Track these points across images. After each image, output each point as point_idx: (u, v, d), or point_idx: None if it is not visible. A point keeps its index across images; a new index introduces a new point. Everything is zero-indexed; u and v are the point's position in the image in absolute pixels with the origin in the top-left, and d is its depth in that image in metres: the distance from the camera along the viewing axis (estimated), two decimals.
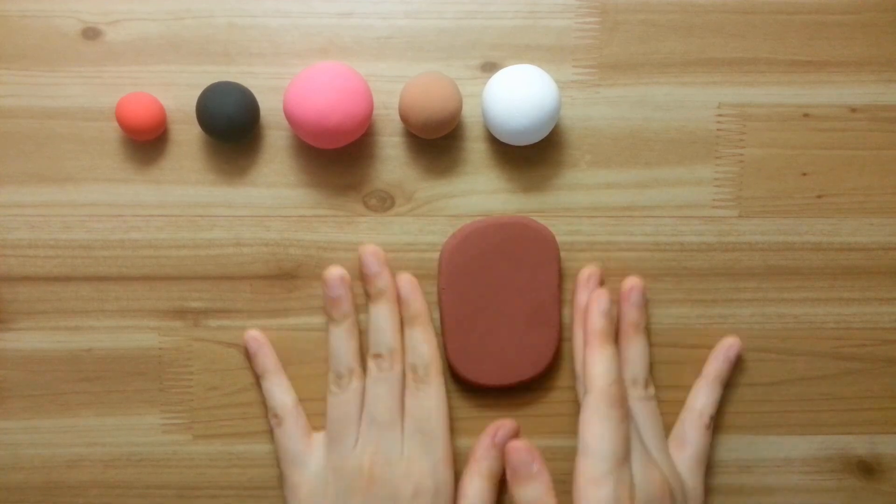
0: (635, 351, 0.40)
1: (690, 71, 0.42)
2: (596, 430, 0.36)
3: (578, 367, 0.40)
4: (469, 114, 0.41)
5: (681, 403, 0.43)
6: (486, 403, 0.43)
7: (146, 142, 0.41)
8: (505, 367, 0.41)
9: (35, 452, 0.42)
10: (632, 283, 0.41)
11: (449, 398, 0.41)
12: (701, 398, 0.41)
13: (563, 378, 0.43)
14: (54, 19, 0.41)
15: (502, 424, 0.41)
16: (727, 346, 0.41)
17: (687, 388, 0.43)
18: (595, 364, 0.38)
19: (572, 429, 0.43)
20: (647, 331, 0.42)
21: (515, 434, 0.41)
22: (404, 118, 0.39)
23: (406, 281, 0.40)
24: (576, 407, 0.42)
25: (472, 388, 0.42)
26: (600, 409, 0.37)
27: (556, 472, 0.43)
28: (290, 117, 0.38)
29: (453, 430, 0.42)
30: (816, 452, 0.43)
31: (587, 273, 0.41)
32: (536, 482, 0.37)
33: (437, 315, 0.42)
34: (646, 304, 0.41)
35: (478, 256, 0.40)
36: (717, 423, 0.43)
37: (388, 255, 0.42)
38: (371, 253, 0.40)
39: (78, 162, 0.41)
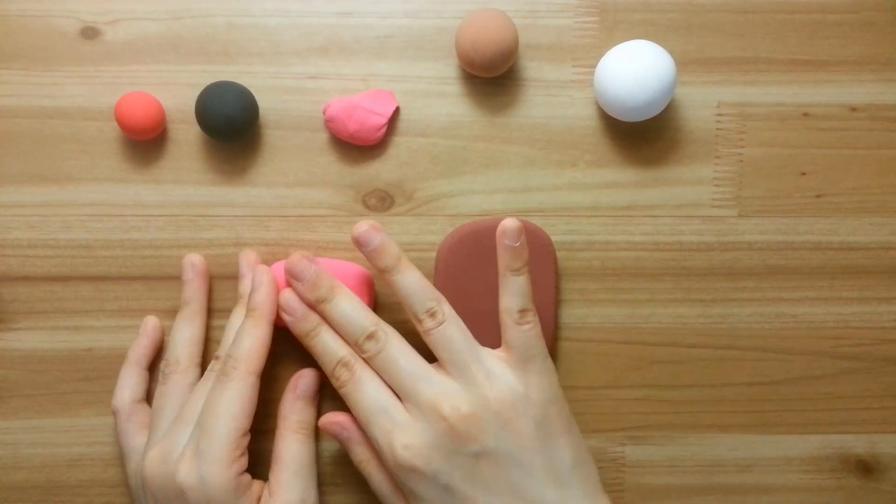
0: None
1: (690, 70, 0.42)
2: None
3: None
4: (471, 113, 0.41)
5: (680, 403, 0.43)
6: None
7: (146, 141, 0.41)
8: None
9: (36, 452, 0.42)
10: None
11: None
12: (503, 297, 0.37)
13: (562, 377, 0.43)
14: (53, 19, 0.41)
15: (302, 374, 0.40)
16: (501, 233, 0.37)
17: (687, 388, 0.43)
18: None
19: None
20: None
21: (318, 383, 0.40)
22: (465, 58, 0.39)
23: (258, 272, 0.38)
24: (571, 406, 0.43)
25: None
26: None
27: None
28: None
29: None
30: (815, 451, 0.43)
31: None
32: (355, 445, 0.38)
33: None
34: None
35: (473, 257, 0.40)
36: (716, 423, 0.43)
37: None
38: (243, 257, 0.41)
39: (77, 161, 0.41)
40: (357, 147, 0.41)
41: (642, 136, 0.42)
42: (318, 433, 0.41)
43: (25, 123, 0.41)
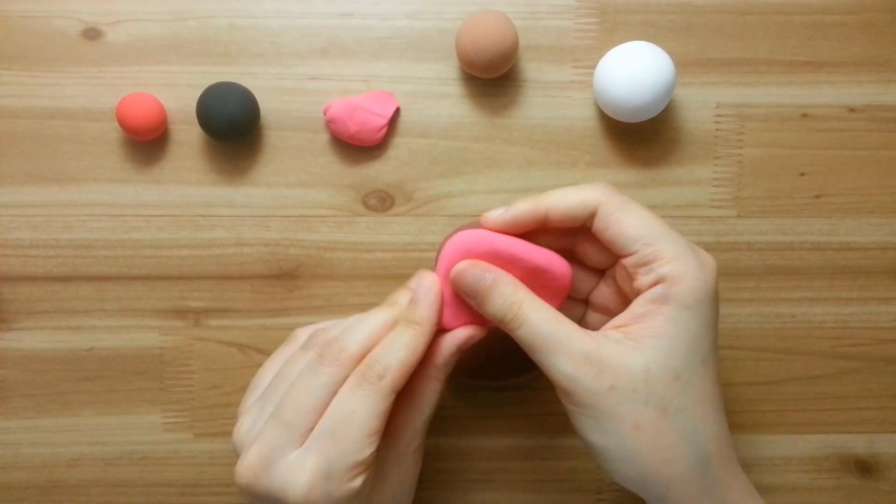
0: None
1: (689, 71, 0.42)
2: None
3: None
4: (471, 114, 0.42)
5: None
6: (482, 402, 0.43)
7: (147, 142, 0.41)
8: (502, 366, 0.41)
9: (36, 451, 0.42)
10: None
11: (445, 397, 0.41)
12: None
13: None
14: (55, 20, 0.41)
15: (471, 329, 0.34)
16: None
17: None
18: None
19: (571, 428, 0.43)
20: None
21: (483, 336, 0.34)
22: (466, 59, 0.39)
23: (423, 279, 0.34)
24: None
25: (468, 387, 0.42)
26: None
27: (555, 472, 0.43)
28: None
29: (449, 430, 0.43)
30: (815, 451, 0.43)
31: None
32: (498, 288, 0.32)
33: None
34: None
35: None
36: None
37: (387, 256, 0.42)
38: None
39: (79, 162, 0.41)
40: (358, 148, 0.42)
41: (642, 137, 0.42)
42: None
43: (27, 124, 0.41)
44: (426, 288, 0.33)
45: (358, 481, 0.31)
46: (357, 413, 0.31)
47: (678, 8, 0.41)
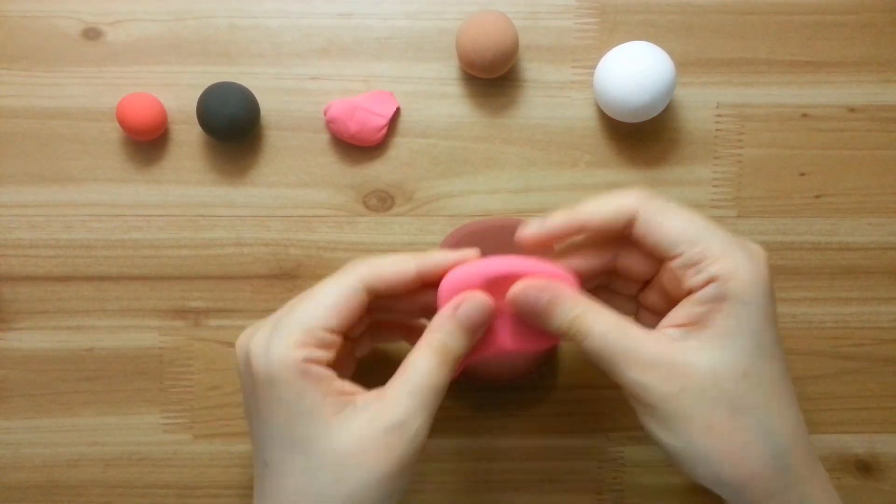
0: None
1: (689, 71, 0.42)
2: None
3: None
4: (471, 114, 0.42)
5: None
6: (483, 402, 0.43)
7: (147, 142, 0.41)
8: (502, 365, 0.41)
9: (36, 452, 0.42)
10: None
11: (445, 397, 0.41)
12: None
13: (562, 377, 0.43)
14: (55, 20, 0.41)
15: (471, 297, 0.33)
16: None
17: None
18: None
19: (571, 428, 0.43)
20: None
21: (485, 318, 0.33)
22: (466, 59, 0.39)
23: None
24: (571, 406, 0.43)
25: (469, 387, 0.42)
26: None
27: (555, 472, 0.43)
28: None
29: (449, 430, 0.43)
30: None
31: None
32: (557, 304, 0.32)
33: None
34: None
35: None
36: None
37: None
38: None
39: (79, 162, 0.41)
40: (358, 148, 0.41)
41: (642, 137, 0.42)
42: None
43: (27, 124, 0.41)
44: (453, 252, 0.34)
45: (300, 352, 0.31)
46: (317, 291, 0.32)
47: (678, 8, 0.41)
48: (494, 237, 0.40)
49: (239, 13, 0.41)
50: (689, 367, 0.30)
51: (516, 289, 0.33)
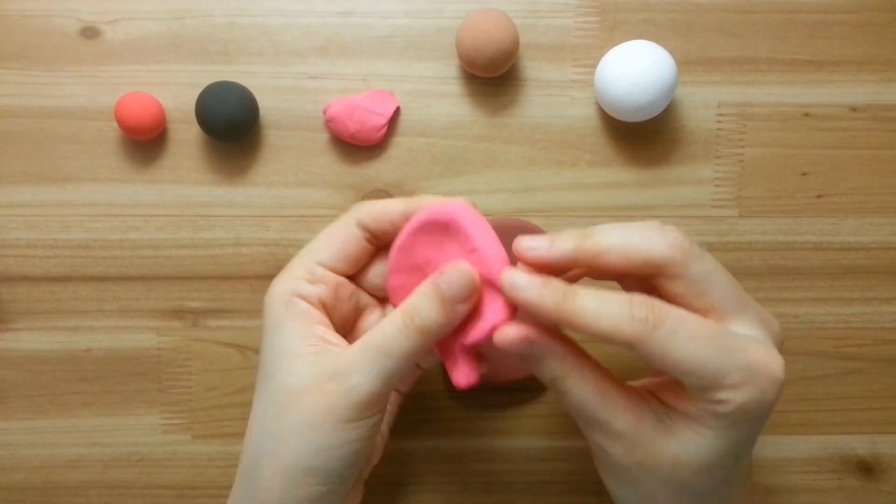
0: None
1: (690, 70, 0.42)
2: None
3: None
4: (471, 113, 0.41)
5: None
6: (482, 403, 0.43)
7: (145, 141, 0.41)
8: (501, 366, 0.41)
9: (34, 453, 0.42)
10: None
11: (445, 398, 0.41)
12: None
13: None
14: (53, 18, 0.41)
15: (456, 266, 0.30)
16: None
17: None
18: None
19: (571, 430, 0.43)
20: None
21: (471, 292, 0.30)
22: (466, 57, 0.39)
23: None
24: None
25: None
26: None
27: (555, 474, 0.43)
28: None
29: (449, 431, 0.42)
30: (816, 452, 0.43)
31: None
32: (545, 361, 0.30)
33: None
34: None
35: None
36: None
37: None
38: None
39: (77, 161, 0.41)
40: (357, 147, 0.41)
41: (643, 137, 0.42)
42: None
43: (25, 123, 0.41)
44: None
45: (289, 285, 0.33)
46: (316, 236, 0.35)
47: (679, 7, 0.41)
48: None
49: (238, 12, 0.41)
50: (652, 446, 0.30)
51: (506, 335, 0.30)
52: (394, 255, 0.33)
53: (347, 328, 0.36)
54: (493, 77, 0.41)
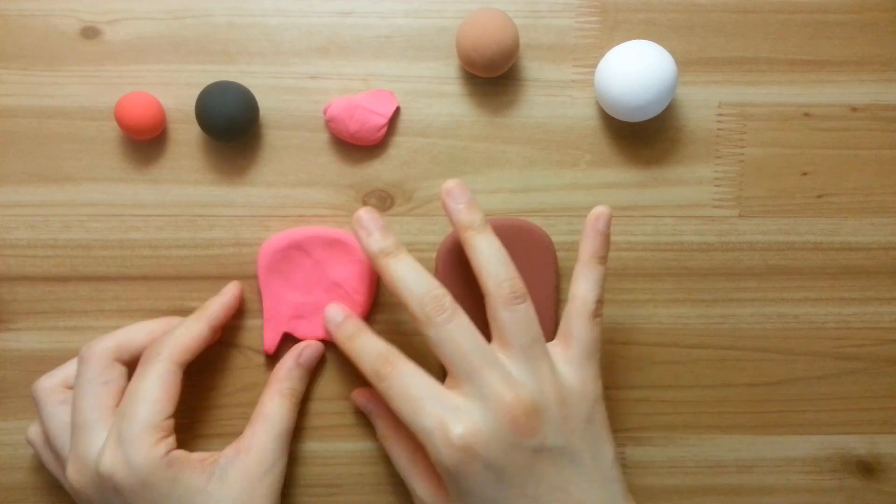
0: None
1: (691, 70, 0.41)
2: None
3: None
4: (471, 113, 0.41)
5: (680, 403, 0.43)
6: None
7: (145, 141, 0.41)
8: None
9: (34, 452, 0.42)
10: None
11: None
12: (581, 285, 0.36)
13: None
14: (53, 18, 0.41)
15: (309, 344, 0.41)
16: (595, 218, 0.37)
17: (688, 389, 0.43)
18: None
19: None
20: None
21: (320, 357, 0.41)
22: (466, 57, 0.39)
23: (228, 286, 0.41)
24: None
25: None
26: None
27: None
28: None
29: None
30: (816, 452, 0.43)
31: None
32: (376, 422, 0.41)
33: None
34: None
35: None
36: (717, 423, 0.43)
37: None
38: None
39: (77, 161, 0.41)
40: (357, 147, 0.41)
41: (643, 136, 0.42)
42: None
43: (25, 123, 0.41)
44: (228, 287, 0.41)
45: (158, 449, 0.35)
46: (140, 389, 0.36)
47: (679, 7, 0.41)
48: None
49: (238, 11, 0.41)
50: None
51: (355, 396, 0.41)
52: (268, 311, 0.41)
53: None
54: (493, 77, 0.41)
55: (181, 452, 0.36)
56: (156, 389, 0.36)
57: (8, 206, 0.41)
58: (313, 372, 0.41)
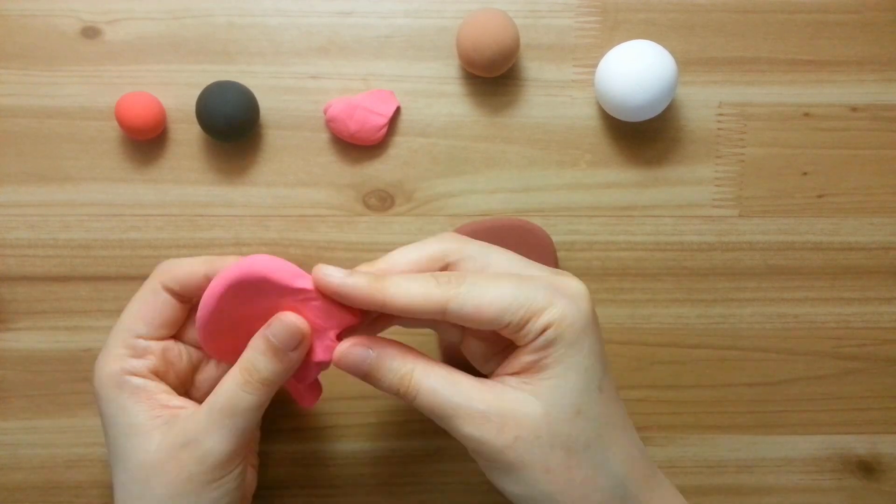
0: None
1: (691, 70, 0.41)
2: None
3: None
4: (471, 113, 0.41)
5: (681, 403, 0.43)
6: None
7: (145, 141, 0.41)
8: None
9: (34, 452, 0.42)
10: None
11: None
12: None
13: None
14: (54, 18, 0.41)
15: (280, 316, 0.32)
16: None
17: (688, 389, 0.43)
18: None
19: None
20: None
21: (299, 341, 0.31)
22: (466, 57, 0.39)
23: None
24: None
25: None
26: None
27: None
28: None
29: (447, 432, 0.42)
30: (816, 452, 0.43)
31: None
32: (385, 362, 0.31)
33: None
34: None
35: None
36: (717, 423, 0.43)
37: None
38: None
39: (77, 161, 0.41)
40: (357, 147, 0.41)
41: (643, 136, 0.42)
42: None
43: (25, 123, 0.41)
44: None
45: (114, 366, 0.33)
46: (125, 308, 0.34)
47: (680, 7, 0.41)
48: (494, 237, 0.40)
49: (238, 11, 0.41)
50: (522, 416, 0.30)
51: (342, 348, 0.31)
52: (205, 324, 0.32)
53: (187, 384, 0.36)
54: (493, 77, 0.41)
55: (143, 382, 0.33)
56: (135, 303, 0.34)
57: (8, 206, 0.41)
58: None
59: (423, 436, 0.42)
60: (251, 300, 0.31)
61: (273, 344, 0.31)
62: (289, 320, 0.31)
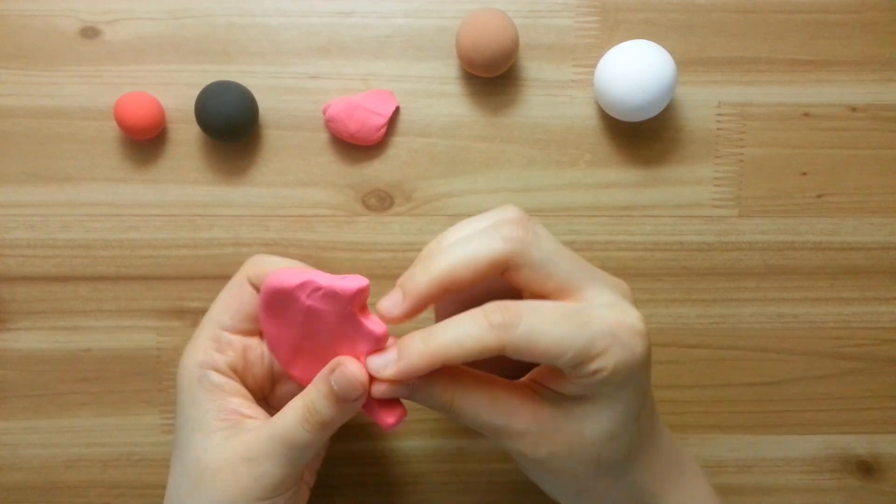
0: None
1: (690, 70, 0.41)
2: None
3: None
4: (471, 113, 0.41)
5: (681, 403, 0.43)
6: None
7: (145, 141, 0.41)
8: (499, 367, 0.41)
9: (34, 452, 0.42)
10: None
11: None
12: None
13: None
14: (53, 18, 0.41)
15: (343, 363, 0.31)
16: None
17: (688, 389, 0.43)
18: None
19: None
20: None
21: (358, 383, 0.30)
22: (466, 57, 0.39)
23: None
24: None
25: None
26: None
27: None
28: None
29: (449, 431, 0.42)
30: (816, 452, 0.43)
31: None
32: (427, 389, 0.31)
33: (431, 315, 0.42)
34: None
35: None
36: (717, 423, 0.43)
37: (386, 256, 0.42)
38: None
39: (76, 161, 0.41)
40: (357, 147, 0.41)
41: (643, 136, 0.42)
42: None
43: (24, 123, 0.41)
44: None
45: (196, 357, 0.33)
46: (221, 292, 0.35)
47: (679, 6, 0.41)
48: None
49: (237, 11, 0.41)
50: (557, 434, 0.31)
51: (378, 391, 0.31)
52: (267, 338, 0.34)
53: (265, 391, 0.36)
54: (493, 77, 0.41)
55: (221, 380, 0.33)
56: (221, 299, 0.35)
57: (7, 206, 0.41)
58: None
59: (423, 435, 0.42)
60: (295, 314, 0.32)
61: (335, 391, 0.31)
62: (350, 373, 0.30)
